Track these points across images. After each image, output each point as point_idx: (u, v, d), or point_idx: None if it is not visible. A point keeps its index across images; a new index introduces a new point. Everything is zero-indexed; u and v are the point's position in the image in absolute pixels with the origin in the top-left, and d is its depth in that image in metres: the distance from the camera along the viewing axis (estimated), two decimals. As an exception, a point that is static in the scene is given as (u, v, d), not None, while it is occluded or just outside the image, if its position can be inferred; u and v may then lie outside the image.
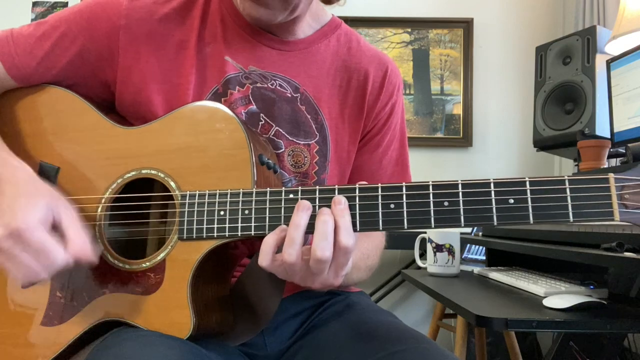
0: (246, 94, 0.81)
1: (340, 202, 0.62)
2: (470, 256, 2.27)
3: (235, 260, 0.78)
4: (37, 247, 0.63)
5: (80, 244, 0.65)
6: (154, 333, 0.66)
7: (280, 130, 0.82)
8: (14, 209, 0.64)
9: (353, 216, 0.62)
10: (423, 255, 1.62)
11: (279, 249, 0.63)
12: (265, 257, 0.62)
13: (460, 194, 0.60)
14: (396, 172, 0.94)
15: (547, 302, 1.01)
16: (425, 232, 1.55)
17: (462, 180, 0.61)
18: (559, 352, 1.49)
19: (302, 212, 0.62)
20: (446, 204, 0.60)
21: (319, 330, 0.82)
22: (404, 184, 0.62)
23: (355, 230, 0.62)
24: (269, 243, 0.62)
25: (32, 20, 2.87)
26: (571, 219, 0.58)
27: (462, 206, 0.60)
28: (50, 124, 0.79)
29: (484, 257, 1.98)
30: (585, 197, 0.58)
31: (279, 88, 0.83)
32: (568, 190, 0.58)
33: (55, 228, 0.66)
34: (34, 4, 2.90)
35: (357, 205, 0.62)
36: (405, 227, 0.61)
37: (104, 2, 0.80)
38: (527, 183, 0.59)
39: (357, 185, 0.63)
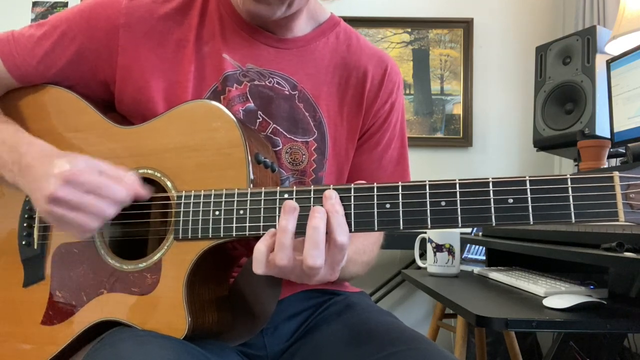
0: (244, 91, 0.81)
1: (331, 196, 0.61)
2: (470, 256, 2.27)
3: (233, 261, 0.78)
4: (95, 184, 0.65)
5: (131, 180, 0.69)
6: (151, 333, 0.66)
7: (278, 127, 0.82)
8: (60, 165, 0.66)
9: (348, 216, 0.61)
10: (423, 255, 1.62)
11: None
12: (259, 265, 0.61)
13: (458, 193, 0.58)
14: (397, 171, 0.93)
15: (547, 302, 1.01)
16: (425, 232, 1.54)
17: (460, 180, 0.59)
18: (559, 352, 1.49)
19: (289, 215, 0.61)
20: (443, 204, 0.59)
21: (319, 330, 0.81)
22: (400, 183, 0.61)
23: (350, 231, 0.61)
24: (261, 250, 0.61)
25: (32, 20, 2.87)
26: (573, 219, 0.55)
27: (460, 206, 0.58)
28: (49, 124, 0.79)
29: (484, 257, 1.98)
30: (588, 197, 0.55)
31: (276, 86, 0.83)
32: (570, 190, 0.56)
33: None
34: (34, 4, 2.90)
35: (352, 206, 0.61)
36: (401, 227, 0.60)
37: (104, 2, 0.80)
38: (527, 182, 0.57)
39: (352, 185, 0.62)
